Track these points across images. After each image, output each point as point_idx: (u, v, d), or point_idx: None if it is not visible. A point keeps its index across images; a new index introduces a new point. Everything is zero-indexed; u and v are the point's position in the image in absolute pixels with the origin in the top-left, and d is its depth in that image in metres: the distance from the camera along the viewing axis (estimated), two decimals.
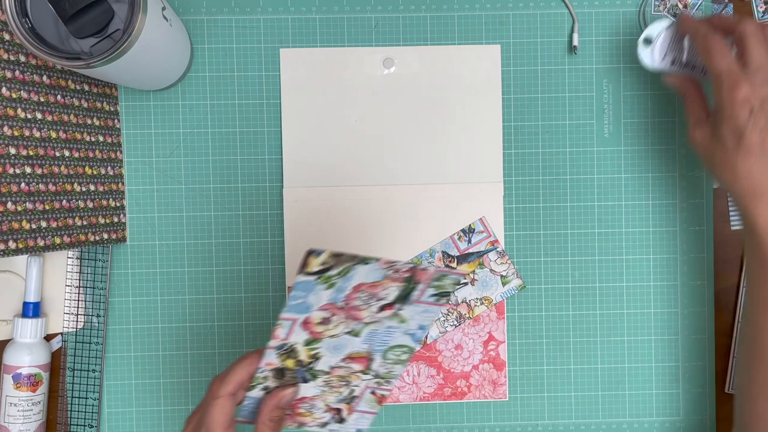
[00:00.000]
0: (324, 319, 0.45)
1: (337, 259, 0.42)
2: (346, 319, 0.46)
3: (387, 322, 0.46)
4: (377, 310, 0.46)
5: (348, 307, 0.45)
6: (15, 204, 0.47)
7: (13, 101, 0.47)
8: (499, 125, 0.59)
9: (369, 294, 0.45)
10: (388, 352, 0.48)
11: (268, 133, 0.59)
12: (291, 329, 0.45)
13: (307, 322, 0.45)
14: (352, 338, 0.47)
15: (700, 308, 0.60)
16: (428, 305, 0.46)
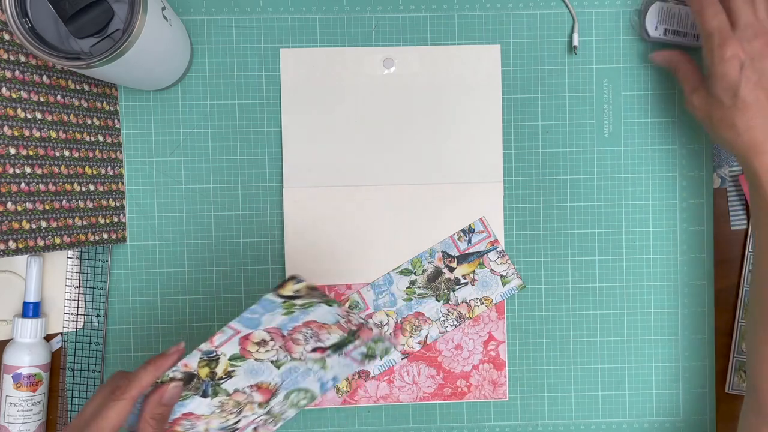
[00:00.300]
0: (262, 341, 0.47)
1: (309, 292, 0.44)
2: (280, 348, 0.48)
3: (310, 365, 0.49)
4: (311, 350, 0.48)
5: (289, 337, 0.47)
6: (15, 204, 0.47)
7: (13, 101, 0.47)
8: (499, 125, 0.59)
9: (314, 332, 0.47)
10: (293, 393, 0.50)
11: (268, 133, 0.59)
12: (228, 339, 0.46)
13: (246, 338, 0.47)
14: (272, 367, 0.48)
15: (700, 308, 0.60)
16: (353, 361, 0.48)
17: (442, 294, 0.59)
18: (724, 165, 0.60)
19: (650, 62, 0.59)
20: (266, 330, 0.47)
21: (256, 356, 0.48)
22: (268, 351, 0.48)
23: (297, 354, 0.48)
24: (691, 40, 0.57)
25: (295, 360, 0.48)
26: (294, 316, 0.46)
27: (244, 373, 0.48)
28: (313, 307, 0.46)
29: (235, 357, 0.48)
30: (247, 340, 0.47)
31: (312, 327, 0.48)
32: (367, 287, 0.58)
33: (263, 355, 0.48)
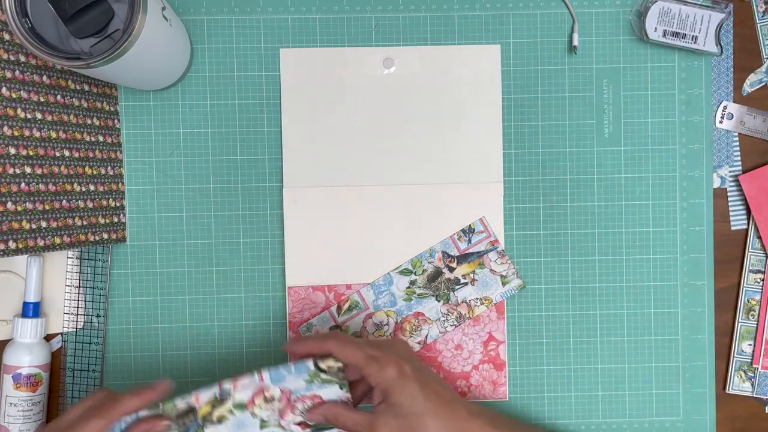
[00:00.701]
0: (271, 398, 0.50)
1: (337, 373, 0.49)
2: (278, 410, 0.50)
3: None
4: (296, 422, 0.50)
5: (292, 403, 0.50)
6: (15, 204, 0.47)
7: (13, 101, 0.47)
8: (499, 125, 0.59)
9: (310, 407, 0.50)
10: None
11: (268, 133, 0.59)
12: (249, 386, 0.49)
13: (262, 390, 0.50)
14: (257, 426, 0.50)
15: (700, 308, 0.60)
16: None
17: (442, 294, 0.59)
18: (724, 165, 0.60)
19: (650, 63, 0.59)
20: (281, 389, 0.49)
21: (255, 410, 0.49)
22: (266, 409, 0.50)
23: (285, 421, 0.50)
24: (690, 42, 0.57)
25: (279, 427, 0.50)
26: (310, 386, 0.49)
27: (232, 424, 0.50)
28: (329, 385, 0.50)
29: (239, 405, 0.49)
30: (260, 393, 0.49)
31: (315, 401, 0.50)
32: (367, 287, 0.58)
33: (262, 411, 0.50)
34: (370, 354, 0.48)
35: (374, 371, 0.48)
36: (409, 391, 0.48)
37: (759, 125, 0.59)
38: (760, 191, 0.59)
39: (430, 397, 0.48)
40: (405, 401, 0.48)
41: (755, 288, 0.60)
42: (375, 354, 0.49)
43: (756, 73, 0.60)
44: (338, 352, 0.49)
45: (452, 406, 0.49)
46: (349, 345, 0.49)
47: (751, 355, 0.60)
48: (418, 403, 0.48)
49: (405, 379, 0.48)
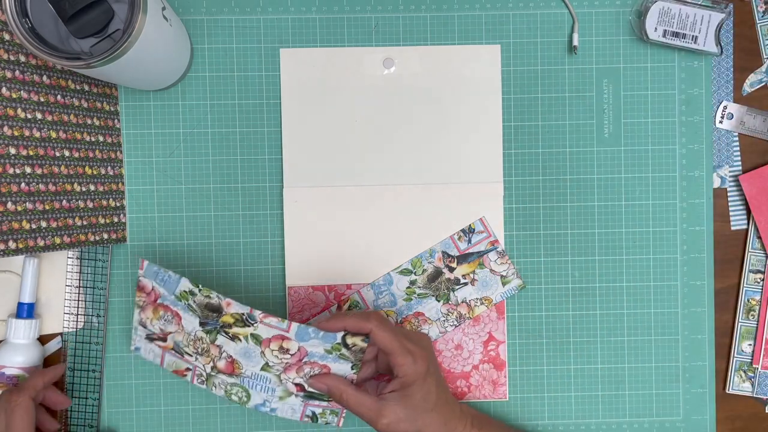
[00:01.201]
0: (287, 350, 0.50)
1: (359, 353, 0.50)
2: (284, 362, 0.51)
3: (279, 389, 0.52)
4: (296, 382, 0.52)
5: (301, 363, 0.51)
6: (15, 204, 0.47)
7: (13, 101, 0.47)
8: (499, 125, 0.59)
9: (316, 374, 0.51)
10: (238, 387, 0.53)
11: (268, 133, 0.59)
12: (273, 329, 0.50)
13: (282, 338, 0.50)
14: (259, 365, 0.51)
15: (700, 308, 0.60)
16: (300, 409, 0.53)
17: (442, 294, 0.59)
18: (724, 165, 0.60)
19: (650, 63, 0.59)
20: (300, 346, 0.50)
21: (266, 351, 0.51)
22: (276, 357, 0.51)
23: (286, 376, 0.51)
24: (690, 42, 0.57)
25: (278, 377, 0.51)
26: (327, 355, 0.50)
27: (241, 349, 0.51)
28: (344, 360, 0.50)
29: (256, 337, 0.50)
30: (279, 340, 0.50)
31: (323, 370, 0.51)
32: (367, 287, 0.58)
33: (271, 356, 0.51)
34: (406, 345, 0.50)
35: (408, 362, 0.50)
36: (428, 387, 0.50)
37: (759, 125, 0.59)
38: (760, 191, 0.59)
39: (440, 395, 0.51)
40: (421, 397, 0.50)
41: (755, 288, 0.60)
42: (410, 346, 0.50)
43: (756, 73, 0.60)
44: (376, 333, 0.50)
45: (451, 406, 0.52)
46: (389, 330, 0.50)
47: (751, 355, 0.60)
48: (431, 400, 0.50)
49: (429, 376, 0.51)
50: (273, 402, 0.52)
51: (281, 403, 0.53)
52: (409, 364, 0.50)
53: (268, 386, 0.52)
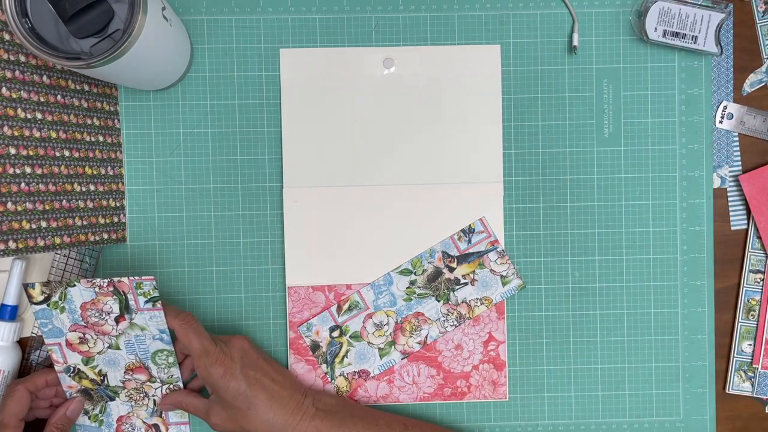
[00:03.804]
0: (80, 339, 0.52)
1: (48, 287, 0.50)
2: (97, 335, 0.52)
3: (133, 332, 0.53)
4: (114, 323, 0.52)
5: (90, 325, 0.52)
6: (15, 204, 0.47)
7: (13, 101, 0.47)
8: (499, 125, 0.59)
9: (97, 310, 0.52)
10: (155, 357, 0.54)
11: (268, 133, 0.59)
12: (62, 352, 0.53)
13: (69, 343, 0.53)
14: (116, 351, 0.53)
15: (700, 308, 0.60)
16: (150, 311, 0.52)
17: (442, 294, 0.59)
18: (724, 165, 0.60)
19: (650, 63, 0.59)
20: (70, 330, 0.52)
21: (94, 351, 0.53)
22: (95, 343, 0.53)
23: (113, 331, 0.53)
24: (689, 42, 0.57)
25: (120, 335, 0.53)
26: (69, 309, 0.51)
27: (107, 368, 0.54)
28: (68, 295, 0.51)
29: (85, 361, 0.53)
30: (72, 346, 0.53)
31: (90, 307, 0.52)
32: (367, 287, 0.58)
33: (95, 348, 0.53)
34: (206, 346, 0.51)
35: (202, 364, 0.51)
36: (235, 387, 0.51)
37: (759, 125, 0.59)
38: (760, 191, 0.59)
39: (257, 393, 0.52)
40: (229, 397, 0.52)
41: (755, 288, 0.60)
42: (210, 348, 0.52)
43: (756, 73, 0.60)
44: (178, 332, 0.52)
45: (281, 402, 0.53)
46: (192, 331, 0.52)
47: (751, 355, 0.60)
48: (244, 399, 0.51)
49: (230, 377, 0.51)
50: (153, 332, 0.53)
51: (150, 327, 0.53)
52: (207, 366, 0.51)
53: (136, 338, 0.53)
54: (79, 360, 0.53)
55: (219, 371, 0.51)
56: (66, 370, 0.53)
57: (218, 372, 0.51)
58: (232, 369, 0.52)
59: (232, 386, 0.51)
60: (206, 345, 0.51)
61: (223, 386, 0.51)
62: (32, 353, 0.58)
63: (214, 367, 0.51)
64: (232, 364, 0.52)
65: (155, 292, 0.51)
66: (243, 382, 0.52)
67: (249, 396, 0.51)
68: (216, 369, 0.51)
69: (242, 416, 0.52)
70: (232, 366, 0.52)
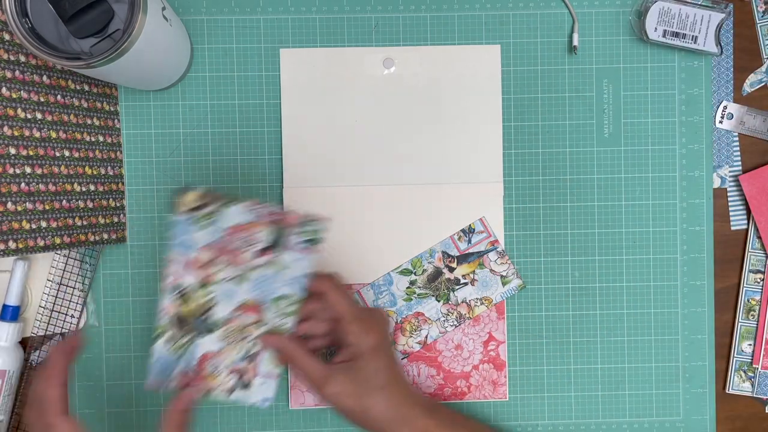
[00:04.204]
0: (208, 262, 0.48)
1: (204, 199, 0.46)
2: (229, 262, 0.49)
3: (267, 269, 0.49)
4: (255, 254, 0.48)
5: (228, 249, 0.48)
6: (15, 204, 0.47)
7: (13, 101, 0.47)
8: (499, 125, 0.59)
9: (244, 237, 0.48)
10: (275, 303, 0.50)
11: (268, 133, 0.59)
12: (180, 270, 0.49)
13: (194, 262, 0.49)
14: (240, 285, 0.49)
15: (700, 308, 0.60)
16: (302, 253, 0.48)
17: (442, 294, 0.59)
18: (724, 165, 0.60)
19: (650, 63, 0.59)
20: (202, 249, 0.48)
21: (216, 278, 0.49)
22: (221, 270, 0.49)
23: (248, 264, 0.49)
24: (690, 42, 0.57)
25: (252, 269, 0.49)
26: (213, 227, 0.48)
27: (221, 298, 0.50)
28: (221, 213, 0.47)
29: (201, 285, 0.49)
30: (196, 265, 0.49)
31: (238, 232, 0.48)
32: (367, 287, 0.58)
33: (221, 274, 0.49)
34: (358, 313, 0.48)
35: (358, 331, 0.48)
36: (379, 364, 0.48)
37: (759, 125, 0.59)
38: (760, 191, 0.59)
39: (392, 377, 0.49)
40: (371, 372, 0.48)
41: (755, 288, 0.60)
42: (362, 316, 0.48)
43: (756, 73, 0.60)
44: (330, 295, 0.48)
45: (404, 391, 0.50)
46: (343, 294, 0.49)
47: (751, 355, 0.60)
48: (380, 378, 0.48)
49: (380, 351, 0.48)
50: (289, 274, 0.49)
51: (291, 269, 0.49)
52: (360, 333, 0.48)
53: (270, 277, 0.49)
54: (194, 282, 0.49)
55: (372, 342, 0.48)
56: (173, 288, 0.49)
57: (369, 342, 0.48)
58: (383, 343, 0.49)
59: (378, 362, 0.48)
60: (357, 312, 0.48)
61: (369, 358, 0.48)
62: (32, 353, 0.58)
63: (370, 336, 0.48)
64: (383, 337, 0.49)
65: (319, 236, 0.48)
66: (386, 360, 0.49)
67: (389, 375, 0.48)
68: (371, 338, 0.48)
69: (370, 394, 0.48)
70: (383, 340, 0.49)
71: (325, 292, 0.49)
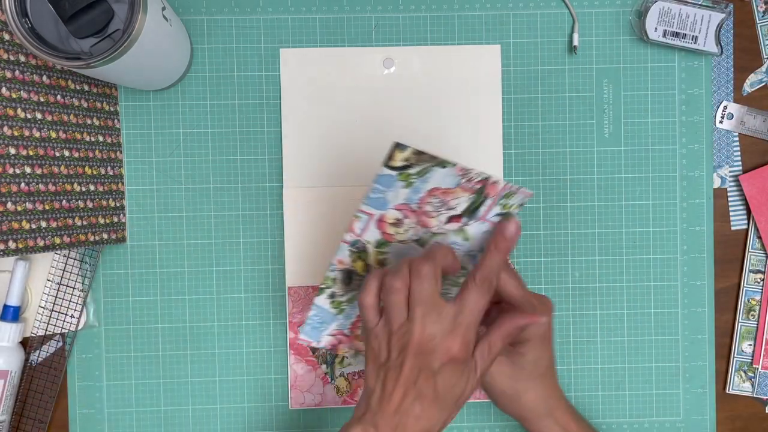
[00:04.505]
0: (397, 220, 0.46)
1: (419, 157, 0.43)
2: (416, 224, 0.46)
3: (452, 237, 0.47)
4: (446, 220, 0.46)
5: (420, 211, 0.45)
6: (15, 204, 0.47)
7: (13, 101, 0.47)
8: (499, 125, 0.59)
9: (441, 200, 0.45)
10: None
11: (268, 133, 0.59)
12: (367, 225, 0.46)
13: (381, 220, 0.46)
14: (417, 248, 0.47)
15: (700, 308, 0.60)
16: (491, 225, 0.46)
17: None
18: (724, 165, 0.60)
19: (650, 63, 0.59)
20: (395, 208, 0.45)
21: (398, 238, 0.47)
22: (407, 230, 0.47)
23: (435, 228, 0.46)
24: (690, 42, 0.57)
25: (436, 234, 0.47)
26: (415, 186, 0.45)
27: (394, 259, 0.48)
28: (429, 173, 0.44)
29: (380, 243, 0.47)
30: (383, 223, 0.46)
31: (437, 195, 0.45)
32: None
33: (404, 235, 0.47)
34: (529, 298, 0.47)
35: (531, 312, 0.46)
36: (542, 352, 0.48)
37: (759, 125, 0.59)
38: (760, 191, 0.59)
39: (549, 365, 0.49)
40: (532, 358, 0.48)
41: (755, 288, 0.60)
42: (533, 300, 0.47)
43: (756, 73, 0.60)
44: (503, 275, 0.46)
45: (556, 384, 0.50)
46: (515, 275, 0.47)
47: (752, 355, 0.60)
48: (540, 366, 0.49)
49: (545, 339, 0.48)
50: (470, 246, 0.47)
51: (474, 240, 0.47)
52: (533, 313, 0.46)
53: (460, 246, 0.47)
54: (375, 239, 0.47)
55: (539, 329, 0.48)
56: (354, 243, 0.47)
57: (538, 329, 0.48)
58: (548, 332, 0.49)
59: (543, 349, 0.48)
60: (528, 295, 0.46)
61: (535, 345, 0.48)
62: (32, 353, 0.58)
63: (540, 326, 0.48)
64: (550, 326, 0.49)
65: (516, 209, 0.46)
66: (552, 349, 0.49)
67: (547, 365, 0.49)
68: (537, 325, 0.48)
69: (527, 380, 0.48)
70: (549, 329, 0.49)
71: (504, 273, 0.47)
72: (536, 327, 0.48)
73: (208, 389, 0.59)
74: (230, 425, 0.59)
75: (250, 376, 0.59)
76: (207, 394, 0.59)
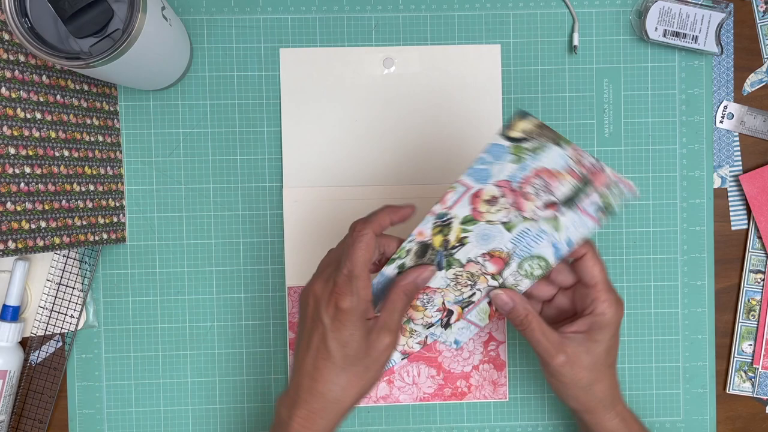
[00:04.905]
0: (493, 198, 0.45)
1: (540, 131, 0.41)
2: (511, 205, 0.45)
3: (542, 225, 0.45)
4: (542, 205, 0.45)
5: (519, 191, 0.44)
6: (14, 204, 0.47)
7: (12, 101, 0.47)
8: (499, 125, 0.59)
9: (545, 183, 0.44)
10: (527, 261, 0.47)
11: (268, 133, 0.59)
12: (460, 198, 0.45)
13: (477, 195, 0.44)
14: (503, 231, 0.46)
15: (700, 308, 0.60)
16: (589, 218, 0.45)
17: None
18: (725, 165, 0.60)
19: (650, 62, 0.59)
20: (496, 184, 0.44)
21: (487, 217, 0.45)
22: (499, 210, 0.45)
23: (528, 212, 0.45)
24: (690, 41, 0.57)
25: (527, 220, 0.45)
26: (524, 164, 0.43)
27: (476, 239, 0.46)
28: (543, 151, 0.42)
29: (467, 220, 0.45)
30: (477, 198, 0.44)
31: (543, 176, 0.43)
32: None
33: (494, 215, 0.45)
34: (611, 285, 0.46)
35: (611, 300, 0.46)
36: (615, 341, 0.48)
37: (759, 125, 0.59)
38: (761, 191, 0.59)
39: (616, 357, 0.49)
40: (606, 348, 0.47)
41: (755, 288, 0.60)
42: (613, 288, 0.47)
43: (756, 73, 0.60)
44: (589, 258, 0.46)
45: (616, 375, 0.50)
46: (600, 260, 0.46)
47: (752, 356, 0.60)
48: (611, 356, 0.48)
49: (619, 329, 0.48)
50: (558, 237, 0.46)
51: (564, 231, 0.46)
52: (613, 304, 0.46)
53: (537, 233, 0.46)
54: (463, 215, 0.45)
55: (618, 316, 0.47)
56: (441, 215, 0.45)
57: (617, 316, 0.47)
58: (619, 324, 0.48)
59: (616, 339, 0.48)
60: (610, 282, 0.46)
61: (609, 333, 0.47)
62: (32, 353, 0.58)
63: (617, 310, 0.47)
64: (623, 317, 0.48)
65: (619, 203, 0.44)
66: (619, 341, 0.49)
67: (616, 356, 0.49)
68: (618, 313, 0.47)
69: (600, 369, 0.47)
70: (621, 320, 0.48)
71: (585, 254, 0.46)
72: (616, 313, 0.47)
73: (208, 389, 0.59)
74: (230, 425, 0.59)
75: (250, 376, 0.59)
76: (207, 394, 0.59)
